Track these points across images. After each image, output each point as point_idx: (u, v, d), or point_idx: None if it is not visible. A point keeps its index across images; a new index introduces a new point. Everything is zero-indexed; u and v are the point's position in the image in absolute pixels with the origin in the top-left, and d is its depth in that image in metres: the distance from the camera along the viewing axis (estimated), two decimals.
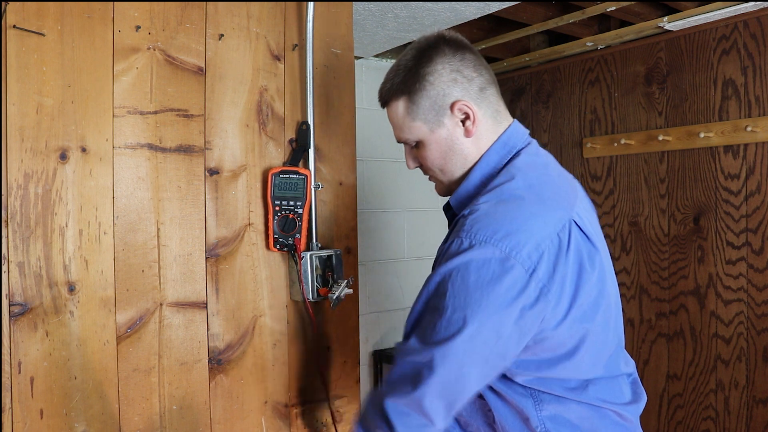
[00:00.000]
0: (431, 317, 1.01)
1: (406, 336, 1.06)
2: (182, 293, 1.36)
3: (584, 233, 1.05)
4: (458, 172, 1.15)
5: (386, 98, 1.17)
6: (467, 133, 1.12)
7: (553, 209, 1.03)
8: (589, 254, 1.04)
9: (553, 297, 0.98)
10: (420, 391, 0.99)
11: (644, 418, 1.19)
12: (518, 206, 1.02)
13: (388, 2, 2.05)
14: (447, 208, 1.23)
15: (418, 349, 1.01)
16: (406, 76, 1.12)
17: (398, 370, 1.04)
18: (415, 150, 1.18)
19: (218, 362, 1.40)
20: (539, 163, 1.13)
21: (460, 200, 1.15)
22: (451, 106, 1.11)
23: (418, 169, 1.23)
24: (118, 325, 1.28)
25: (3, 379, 1.16)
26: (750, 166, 2.27)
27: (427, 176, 1.22)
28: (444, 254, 1.04)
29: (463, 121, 1.12)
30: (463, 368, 0.99)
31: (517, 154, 1.12)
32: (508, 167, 1.10)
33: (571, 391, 1.06)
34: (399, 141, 1.20)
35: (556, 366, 1.04)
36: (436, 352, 0.98)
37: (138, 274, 1.31)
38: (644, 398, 1.15)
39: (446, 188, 1.20)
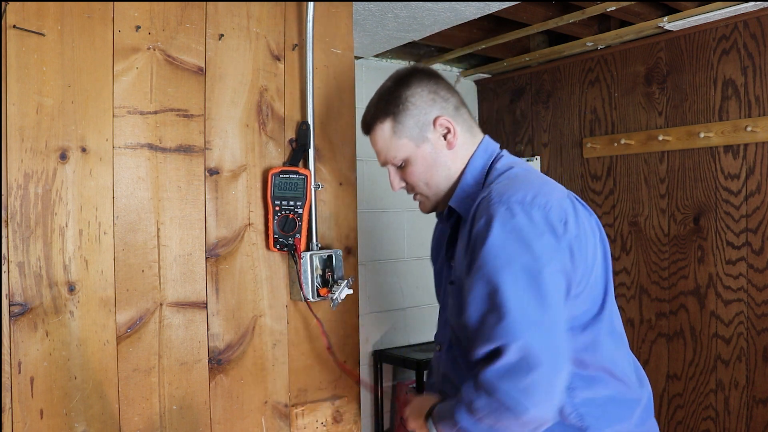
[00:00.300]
0: (503, 291, 1.01)
1: (482, 320, 1.03)
2: (182, 293, 1.36)
3: (580, 203, 1.20)
4: (443, 185, 1.25)
5: (371, 123, 1.27)
6: (449, 146, 1.23)
7: (554, 183, 1.19)
8: (589, 215, 1.19)
9: (582, 247, 1.10)
10: (539, 368, 0.97)
11: None
12: (528, 179, 1.16)
13: (388, 2, 2.05)
14: (448, 216, 1.26)
15: (509, 325, 0.99)
16: (389, 101, 1.24)
17: (505, 360, 0.98)
18: (401, 170, 1.27)
19: (218, 362, 1.40)
20: (521, 161, 1.28)
21: (461, 199, 1.22)
22: (434, 122, 1.22)
23: None
24: (118, 325, 1.28)
25: (3, 379, 1.16)
26: (750, 166, 2.27)
27: (412, 196, 1.30)
28: (482, 229, 1.07)
29: (444, 135, 1.23)
30: (555, 324, 1.02)
31: (498, 156, 1.25)
32: (497, 164, 1.22)
33: (603, 369, 1.14)
34: (384, 164, 1.29)
35: (594, 325, 1.14)
36: (528, 320, 0.99)
37: (138, 274, 1.31)
38: (647, 384, 1.23)
39: (432, 204, 1.28)
